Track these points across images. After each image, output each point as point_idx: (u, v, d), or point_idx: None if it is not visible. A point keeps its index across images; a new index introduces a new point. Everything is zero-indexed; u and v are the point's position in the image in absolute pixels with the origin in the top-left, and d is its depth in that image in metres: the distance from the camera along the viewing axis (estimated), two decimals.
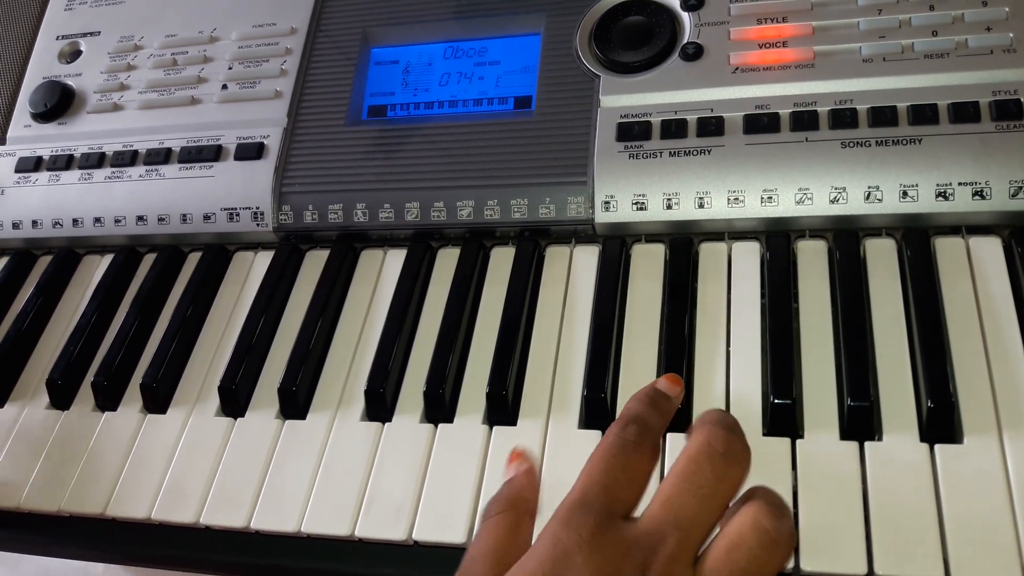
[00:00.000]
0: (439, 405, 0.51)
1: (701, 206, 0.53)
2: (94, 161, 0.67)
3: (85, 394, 0.59)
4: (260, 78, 0.66)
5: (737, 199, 0.53)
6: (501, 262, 0.58)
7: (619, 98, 0.58)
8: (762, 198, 0.52)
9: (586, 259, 0.56)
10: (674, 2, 0.60)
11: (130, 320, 0.61)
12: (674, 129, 0.55)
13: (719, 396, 0.48)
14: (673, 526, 0.33)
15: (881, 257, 0.51)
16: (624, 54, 0.58)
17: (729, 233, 0.55)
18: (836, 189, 0.51)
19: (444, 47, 0.64)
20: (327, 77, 0.65)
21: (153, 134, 0.67)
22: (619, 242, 0.56)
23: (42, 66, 0.73)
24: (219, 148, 0.64)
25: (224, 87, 0.67)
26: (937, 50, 0.53)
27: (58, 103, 0.70)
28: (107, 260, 0.67)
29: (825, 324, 0.49)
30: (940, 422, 0.43)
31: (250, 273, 0.63)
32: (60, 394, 0.59)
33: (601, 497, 0.35)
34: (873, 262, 0.51)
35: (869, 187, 0.51)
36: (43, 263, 0.69)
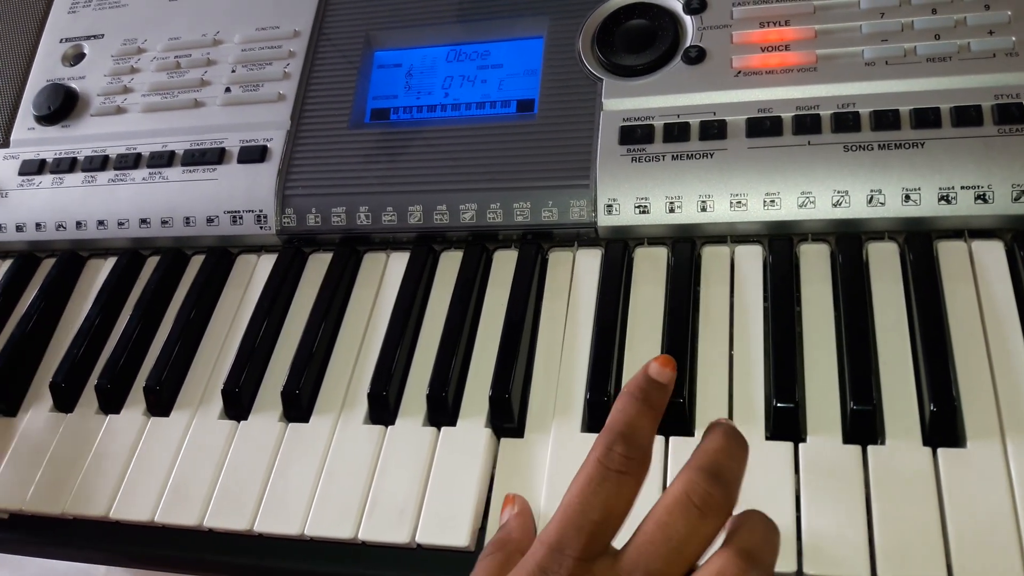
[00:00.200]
0: (442, 408, 0.51)
1: (704, 209, 0.53)
2: (97, 164, 0.67)
3: (89, 397, 0.59)
4: (263, 81, 0.66)
5: (740, 202, 0.53)
6: (504, 265, 0.58)
7: (622, 101, 0.58)
8: (764, 201, 0.52)
9: (589, 262, 0.56)
10: (676, 5, 0.60)
11: (133, 323, 0.61)
12: (677, 132, 0.55)
13: (721, 399, 0.48)
14: (643, 573, 0.34)
15: (883, 261, 0.51)
16: (627, 57, 0.59)
17: (732, 236, 0.55)
18: (838, 193, 0.51)
19: (447, 50, 0.64)
20: (330, 80, 0.65)
21: (156, 137, 0.67)
22: (622, 245, 0.56)
23: (45, 69, 0.74)
24: (222, 151, 0.64)
25: (227, 90, 0.67)
26: (939, 54, 0.53)
27: (61, 106, 0.70)
28: (110, 263, 0.67)
29: (827, 327, 0.49)
30: (943, 426, 0.43)
31: (253, 276, 0.63)
32: (64, 397, 0.59)
33: (575, 540, 0.35)
34: (875, 266, 0.51)
35: (871, 191, 0.51)
36: (46, 266, 0.69)
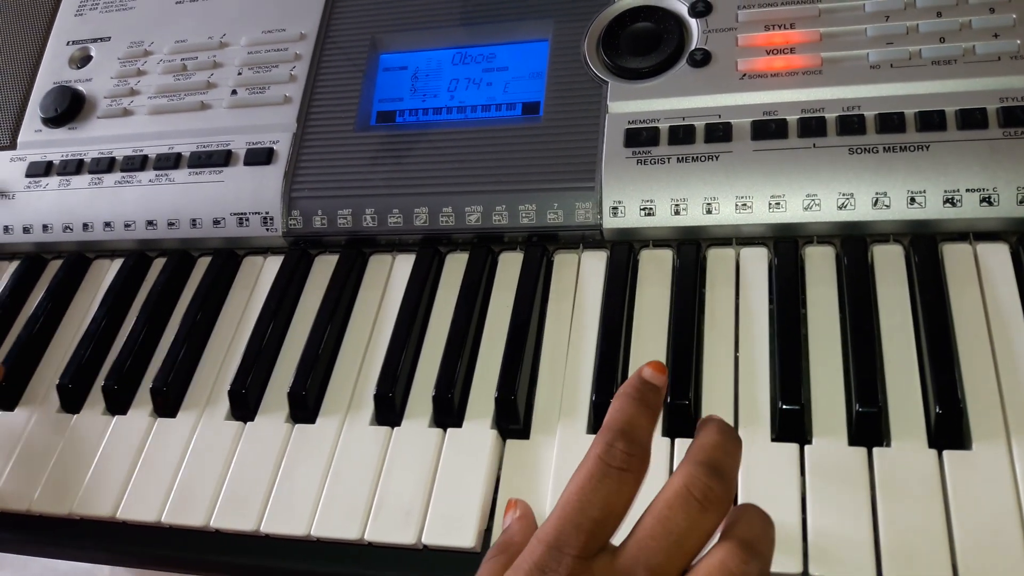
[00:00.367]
0: (448, 410, 0.51)
1: (709, 212, 0.53)
2: (104, 166, 0.67)
3: (95, 398, 0.59)
4: (269, 83, 0.67)
5: (745, 205, 0.53)
6: (509, 267, 0.58)
7: (627, 104, 0.58)
8: (770, 204, 0.52)
9: (594, 264, 0.56)
10: (682, 8, 0.60)
11: (140, 324, 0.61)
12: (682, 135, 0.55)
13: (727, 401, 0.48)
14: (644, 568, 0.34)
15: (889, 263, 0.51)
16: (632, 60, 0.59)
17: (737, 239, 0.55)
18: (844, 195, 0.51)
19: (453, 53, 0.64)
20: (336, 83, 0.65)
21: (163, 139, 0.67)
22: (627, 247, 0.56)
23: (52, 71, 0.74)
24: (229, 153, 0.65)
25: (234, 92, 0.67)
26: (944, 56, 0.53)
27: (68, 108, 0.70)
28: (117, 264, 0.67)
29: (833, 330, 0.49)
30: (949, 428, 0.43)
31: (259, 278, 0.63)
32: (70, 398, 0.59)
33: (574, 538, 0.35)
34: (881, 268, 0.51)
35: (877, 193, 0.51)
36: (53, 267, 0.69)
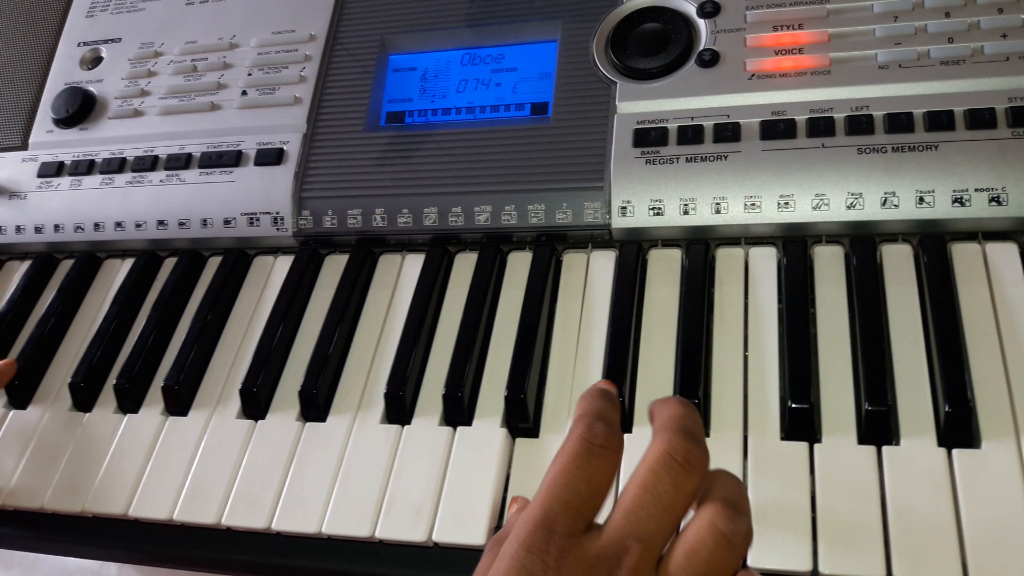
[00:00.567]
0: (458, 408, 0.51)
1: (718, 211, 0.54)
2: (115, 166, 0.68)
3: (107, 396, 0.60)
4: (279, 84, 0.67)
5: (754, 204, 0.53)
6: (518, 267, 0.58)
7: (636, 104, 0.58)
8: (779, 203, 0.53)
9: (603, 264, 0.57)
10: (690, 9, 0.60)
11: (151, 323, 0.62)
12: (691, 135, 0.55)
13: (736, 400, 0.48)
14: (635, 538, 0.34)
15: (898, 262, 0.51)
16: (640, 60, 0.59)
17: (746, 238, 0.55)
18: (852, 195, 0.51)
19: (461, 54, 0.65)
20: (346, 83, 0.66)
21: (174, 139, 0.68)
22: (636, 247, 0.56)
23: (64, 72, 0.74)
24: (239, 153, 0.65)
25: (244, 93, 0.68)
26: (953, 57, 0.53)
27: (79, 109, 0.71)
28: (128, 264, 0.68)
29: (842, 329, 0.49)
30: (958, 427, 0.43)
31: (270, 277, 0.63)
32: (82, 396, 0.60)
33: (562, 515, 0.35)
34: (890, 267, 0.51)
35: (885, 193, 0.51)
36: (65, 267, 0.70)
